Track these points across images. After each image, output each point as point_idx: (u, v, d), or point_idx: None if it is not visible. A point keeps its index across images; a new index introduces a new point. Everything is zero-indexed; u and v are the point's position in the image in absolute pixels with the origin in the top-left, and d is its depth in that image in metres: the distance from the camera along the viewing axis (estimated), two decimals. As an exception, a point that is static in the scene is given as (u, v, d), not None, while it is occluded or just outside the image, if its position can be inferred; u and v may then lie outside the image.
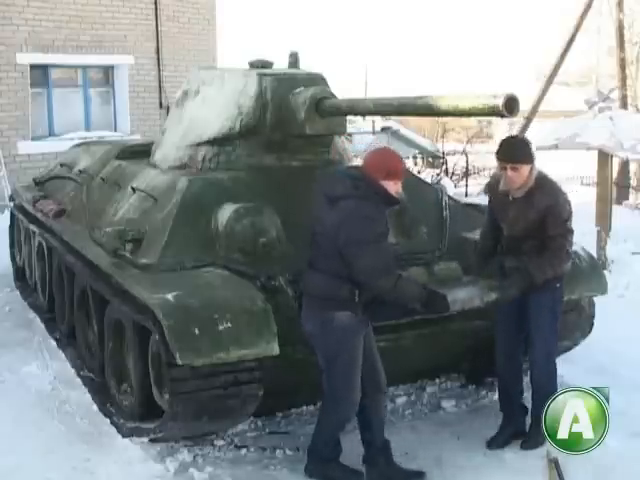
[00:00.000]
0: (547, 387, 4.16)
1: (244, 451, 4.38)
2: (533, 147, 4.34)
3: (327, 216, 3.75)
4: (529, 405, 4.43)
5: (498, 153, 4.18)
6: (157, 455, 4.21)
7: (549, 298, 4.23)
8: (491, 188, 4.42)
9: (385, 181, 3.70)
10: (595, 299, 5.04)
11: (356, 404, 3.89)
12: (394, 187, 3.75)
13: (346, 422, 3.99)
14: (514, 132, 17.75)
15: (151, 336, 4.07)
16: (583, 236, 7.67)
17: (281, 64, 5.58)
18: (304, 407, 4.84)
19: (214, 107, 5.26)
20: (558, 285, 4.24)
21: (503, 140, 4.28)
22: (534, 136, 13.07)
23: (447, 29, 72.12)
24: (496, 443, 4.41)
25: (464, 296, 3.95)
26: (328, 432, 4.00)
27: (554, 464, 4.02)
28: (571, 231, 4.17)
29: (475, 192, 16.61)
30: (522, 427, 4.43)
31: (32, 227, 6.81)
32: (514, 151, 4.15)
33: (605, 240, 8.94)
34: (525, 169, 4.12)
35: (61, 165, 7.25)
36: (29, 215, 6.99)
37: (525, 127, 16.28)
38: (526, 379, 4.49)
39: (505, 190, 4.21)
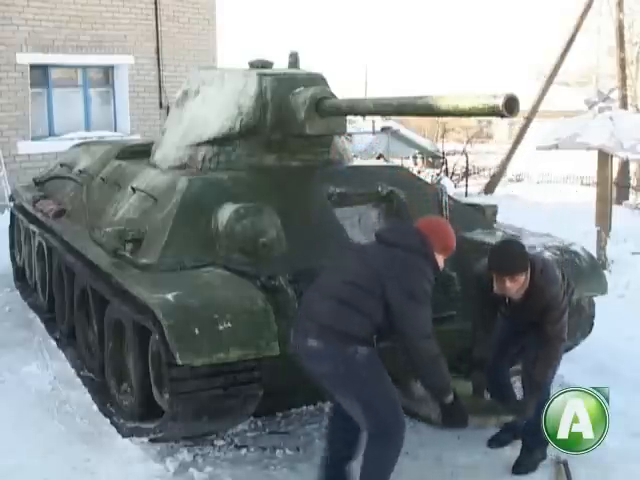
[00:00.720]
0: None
1: (244, 451, 4.38)
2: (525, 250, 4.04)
3: (377, 253, 3.60)
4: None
5: (494, 266, 3.92)
6: (157, 455, 4.22)
7: None
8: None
9: (438, 254, 3.68)
10: (595, 299, 5.04)
11: (405, 428, 3.63)
12: (441, 261, 3.73)
13: (399, 452, 3.61)
14: (514, 132, 17.77)
15: (151, 336, 4.07)
16: (583, 236, 7.70)
17: (281, 64, 5.58)
18: (304, 407, 4.84)
19: (214, 107, 5.26)
20: None
21: (497, 250, 4.04)
22: (534, 136, 13.09)
23: (447, 29, 72.18)
24: (497, 442, 4.42)
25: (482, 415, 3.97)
26: (386, 471, 3.60)
27: (562, 465, 4.02)
28: (565, 309, 3.99)
29: (475, 192, 16.64)
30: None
31: (32, 227, 6.81)
32: (512, 262, 3.89)
33: (605, 240, 8.94)
34: (523, 276, 3.89)
35: (61, 165, 7.25)
36: (29, 215, 6.99)
37: (525, 127, 16.32)
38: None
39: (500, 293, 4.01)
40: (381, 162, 13.17)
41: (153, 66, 13.92)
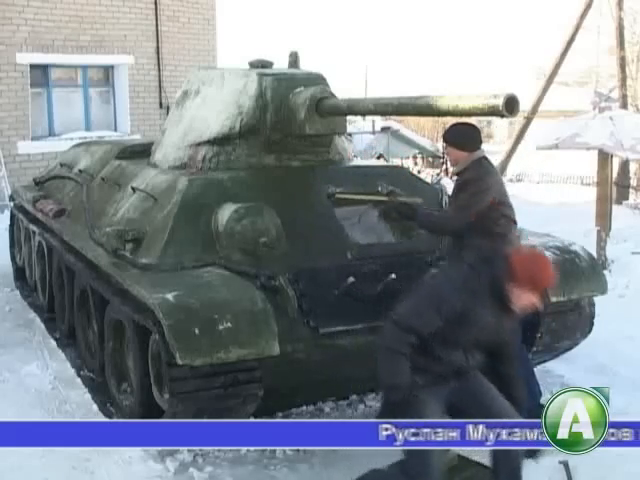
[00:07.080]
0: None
1: (244, 451, 4.37)
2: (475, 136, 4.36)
3: None
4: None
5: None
6: (157, 455, 4.21)
7: None
8: None
9: None
10: (595, 299, 5.03)
11: None
12: None
13: None
14: (514, 132, 17.78)
15: (151, 336, 4.07)
16: (583, 236, 7.70)
17: (281, 64, 5.58)
18: (304, 407, 4.84)
19: (214, 107, 5.26)
20: None
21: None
22: (534, 136, 13.07)
23: (447, 29, 72.20)
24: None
25: None
26: None
27: (564, 466, 4.02)
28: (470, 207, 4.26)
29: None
30: None
31: (32, 227, 6.81)
32: (449, 133, 4.36)
33: (605, 240, 8.94)
34: (453, 151, 4.29)
35: (61, 165, 7.25)
36: (29, 215, 6.99)
37: (525, 127, 16.31)
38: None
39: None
40: (381, 162, 13.18)
41: (153, 66, 13.91)
